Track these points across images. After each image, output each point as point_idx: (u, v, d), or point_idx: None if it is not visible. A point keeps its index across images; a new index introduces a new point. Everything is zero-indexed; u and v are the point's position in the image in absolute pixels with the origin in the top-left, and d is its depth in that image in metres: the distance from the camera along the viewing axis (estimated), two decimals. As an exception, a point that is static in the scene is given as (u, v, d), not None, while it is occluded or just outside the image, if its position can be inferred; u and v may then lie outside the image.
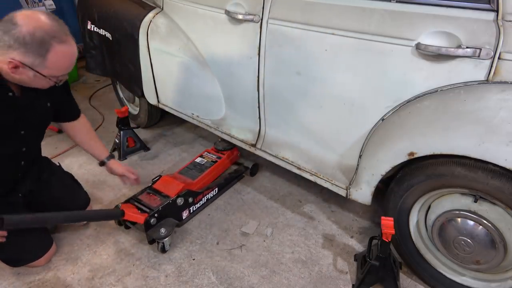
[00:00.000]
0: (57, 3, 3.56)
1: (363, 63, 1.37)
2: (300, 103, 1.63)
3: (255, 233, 1.80)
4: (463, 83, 1.19)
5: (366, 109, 1.43)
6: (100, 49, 2.41)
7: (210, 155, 2.20)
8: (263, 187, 2.13)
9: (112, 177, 2.20)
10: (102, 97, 3.33)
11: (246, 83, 1.79)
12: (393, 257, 1.45)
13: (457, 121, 1.17)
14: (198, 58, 1.98)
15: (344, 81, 1.45)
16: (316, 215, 1.91)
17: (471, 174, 1.20)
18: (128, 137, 2.40)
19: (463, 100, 1.16)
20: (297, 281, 1.55)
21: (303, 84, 1.58)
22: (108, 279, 1.57)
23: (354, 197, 1.56)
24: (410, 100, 1.30)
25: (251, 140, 1.92)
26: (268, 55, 1.65)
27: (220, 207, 1.98)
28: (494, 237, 1.25)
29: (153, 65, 2.18)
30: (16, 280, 1.56)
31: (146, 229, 1.64)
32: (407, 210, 1.45)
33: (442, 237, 1.37)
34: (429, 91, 1.25)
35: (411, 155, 1.28)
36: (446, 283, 1.46)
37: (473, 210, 1.28)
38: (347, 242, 1.75)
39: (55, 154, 2.42)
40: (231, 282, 1.55)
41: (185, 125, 2.84)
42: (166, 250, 1.69)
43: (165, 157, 2.42)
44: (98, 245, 1.74)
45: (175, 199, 1.76)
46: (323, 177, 1.67)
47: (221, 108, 2.02)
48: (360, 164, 1.50)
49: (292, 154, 1.78)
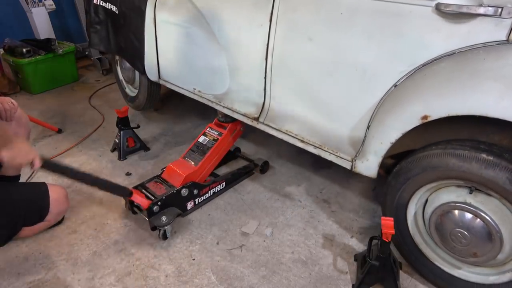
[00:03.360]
0: (57, 3, 3.57)
1: (379, 26, 1.33)
2: (310, 72, 1.60)
3: (255, 233, 1.80)
4: (482, 43, 1.16)
5: (379, 76, 1.39)
6: (105, 24, 2.41)
7: (212, 132, 2.13)
8: (263, 187, 2.13)
9: (112, 176, 2.21)
10: (102, 97, 3.33)
11: (254, 53, 1.76)
12: (393, 257, 1.45)
13: (476, 79, 1.14)
14: (206, 28, 1.95)
15: (357, 46, 1.41)
16: (316, 215, 1.91)
17: (465, 165, 1.20)
18: (128, 137, 2.40)
19: (482, 59, 1.14)
20: (297, 281, 1.55)
21: (314, 51, 1.54)
22: (108, 279, 1.57)
23: (359, 169, 1.52)
24: (425, 64, 1.27)
25: (254, 114, 1.88)
26: (280, 22, 1.61)
27: (220, 207, 1.98)
28: (490, 229, 1.25)
29: (158, 39, 2.18)
30: (16, 280, 1.56)
31: (149, 216, 1.71)
32: (404, 204, 1.45)
33: (439, 230, 1.37)
34: (447, 53, 1.23)
35: (425, 119, 1.25)
36: (445, 278, 1.46)
37: (469, 202, 1.29)
38: (347, 242, 1.75)
39: (54, 154, 2.42)
40: (231, 282, 1.55)
41: (185, 125, 2.84)
42: (167, 237, 1.73)
43: (165, 157, 2.42)
44: (98, 245, 1.74)
45: (179, 190, 1.81)
46: (328, 149, 1.63)
47: (225, 82, 1.98)
48: (368, 134, 1.46)
49: (297, 127, 1.74)
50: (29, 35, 3.49)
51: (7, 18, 3.54)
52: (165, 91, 3.44)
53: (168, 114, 3.03)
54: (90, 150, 2.50)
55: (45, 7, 3.41)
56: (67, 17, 3.98)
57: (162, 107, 3.13)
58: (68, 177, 1.57)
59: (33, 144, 2.57)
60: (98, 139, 2.64)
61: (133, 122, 2.52)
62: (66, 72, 3.56)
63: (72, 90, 3.51)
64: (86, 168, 2.30)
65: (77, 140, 2.61)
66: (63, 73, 3.54)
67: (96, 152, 2.47)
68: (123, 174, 2.24)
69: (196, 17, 1.98)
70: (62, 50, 3.41)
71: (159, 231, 1.73)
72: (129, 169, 2.29)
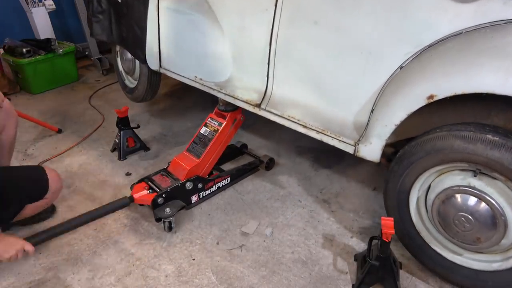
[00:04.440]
0: (57, 3, 3.57)
1: (386, 7, 1.33)
2: (314, 56, 1.59)
3: (255, 233, 1.80)
4: (489, 23, 1.15)
5: (385, 58, 1.38)
6: (108, 13, 2.43)
7: (212, 122, 2.12)
8: (263, 187, 2.13)
9: (112, 176, 2.22)
10: (102, 97, 3.33)
11: (258, 38, 1.76)
12: (393, 257, 1.45)
13: (483, 57, 1.14)
14: (209, 14, 1.95)
15: (363, 28, 1.41)
16: (316, 215, 1.91)
17: (470, 146, 1.19)
18: (128, 137, 2.40)
19: (490, 37, 1.13)
20: (297, 281, 1.55)
21: (319, 34, 1.54)
22: (108, 279, 1.57)
23: (362, 153, 1.51)
24: (432, 45, 1.27)
25: (256, 100, 1.87)
26: (285, 6, 1.61)
27: (220, 207, 1.98)
28: (495, 212, 1.23)
29: (161, 26, 2.18)
30: (16, 280, 1.56)
31: (153, 208, 1.77)
32: (407, 190, 1.44)
33: (442, 216, 1.35)
34: (453, 34, 1.22)
35: (431, 98, 1.24)
36: (447, 265, 1.45)
37: (473, 185, 1.28)
38: (347, 242, 1.75)
39: (54, 154, 2.42)
40: (231, 282, 1.55)
41: (185, 125, 2.84)
42: (172, 228, 1.78)
43: (165, 157, 2.42)
44: (98, 245, 1.74)
45: (184, 183, 1.86)
46: (330, 134, 1.61)
47: (227, 69, 1.98)
48: (372, 117, 1.45)
49: (299, 112, 1.73)
50: (29, 35, 3.49)
51: (7, 18, 3.55)
52: (165, 91, 3.45)
53: (168, 114, 3.03)
54: (90, 150, 2.50)
55: (45, 7, 3.41)
56: (67, 17, 3.98)
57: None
58: (66, 232, 1.64)
59: (33, 144, 2.57)
60: (98, 139, 2.64)
61: (133, 122, 2.52)
62: (66, 72, 3.56)
63: (72, 90, 3.51)
64: (86, 168, 2.30)
65: (77, 140, 2.61)
66: (63, 73, 3.54)
67: (96, 152, 2.47)
68: (123, 174, 2.24)
69: (199, 3, 1.97)
70: (62, 50, 3.42)
71: (164, 223, 1.78)
72: (129, 169, 2.29)
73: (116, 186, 2.14)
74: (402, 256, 1.63)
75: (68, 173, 2.25)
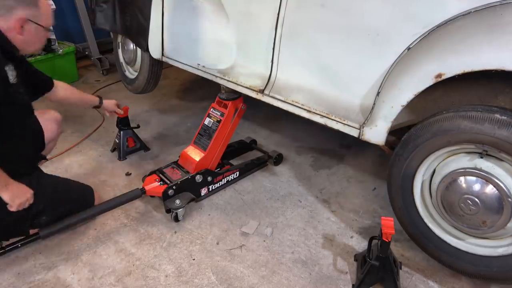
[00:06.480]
0: (57, 3, 3.56)
1: None
2: (320, 40, 1.59)
3: (255, 233, 1.80)
4: (499, 1, 1.15)
5: (392, 39, 1.38)
6: (112, 2, 2.45)
7: (215, 113, 2.09)
8: (263, 187, 2.13)
9: (112, 176, 2.22)
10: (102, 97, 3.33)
11: (264, 23, 1.76)
12: (393, 257, 1.45)
13: (493, 34, 1.14)
14: (215, 0, 1.95)
15: (371, 9, 1.40)
16: (316, 215, 1.91)
17: (477, 126, 1.19)
18: (128, 137, 2.40)
19: (499, 14, 1.13)
20: (297, 281, 1.55)
21: (326, 17, 1.53)
22: (108, 279, 1.57)
23: (367, 136, 1.49)
24: (440, 25, 1.26)
25: (260, 86, 1.87)
26: None
27: (220, 207, 1.98)
28: (501, 194, 1.22)
29: (165, 13, 2.19)
30: (16, 280, 1.56)
31: (164, 199, 1.83)
32: (411, 175, 1.42)
33: (447, 200, 1.34)
34: (462, 13, 1.22)
35: (439, 77, 1.23)
36: (451, 252, 1.43)
37: (479, 167, 1.26)
38: (347, 242, 1.75)
39: (55, 154, 2.42)
40: (231, 282, 1.55)
41: (185, 125, 2.84)
42: (178, 219, 1.85)
43: (165, 157, 2.42)
44: (98, 245, 1.74)
45: (194, 176, 1.92)
46: (335, 118, 1.59)
47: (231, 55, 1.98)
48: (378, 100, 1.44)
49: (303, 97, 1.72)
50: (29, 35, 3.48)
51: (7, 18, 3.54)
52: (165, 92, 3.45)
53: (168, 114, 3.03)
54: (90, 150, 2.50)
55: (45, 7, 3.41)
56: (67, 17, 3.98)
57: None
58: (80, 222, 1.76)
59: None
60: (98, 139, 2.64)
61: (133, 122, 2.51)
62: (66, 72, 3.56)
63: (72, 90, 3.51)
64: (86, 168, 2.30)
65: (77, 140, 2.61)
66: (63, 73, 3.53)
67: (96, 152, 2.48)
68: (123, 174, 2.24)
69: None
70: (62, 50, 3.42)
71: (171, 213, 1.83)
72: (129, 169, 2.29)
73: (116, 186, 2.14)
74: (402, 256, 1.63)
75: (68, 173, 2.25)
